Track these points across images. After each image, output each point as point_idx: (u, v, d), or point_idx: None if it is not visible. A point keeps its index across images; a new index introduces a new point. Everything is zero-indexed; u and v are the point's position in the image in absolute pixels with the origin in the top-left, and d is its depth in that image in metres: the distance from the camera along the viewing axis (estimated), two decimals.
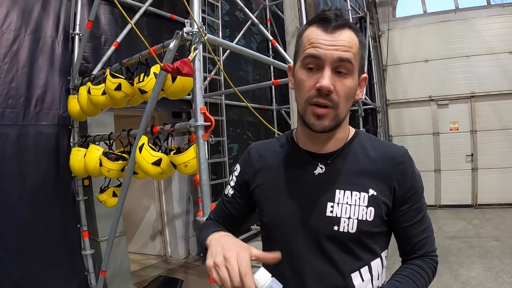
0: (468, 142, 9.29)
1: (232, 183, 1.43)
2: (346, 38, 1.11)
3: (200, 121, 2.87)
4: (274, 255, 1.02)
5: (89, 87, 3.69)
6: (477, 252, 5.98)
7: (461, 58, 9.25)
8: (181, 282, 2.99)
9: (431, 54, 9.54)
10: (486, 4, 9.18)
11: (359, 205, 1.16)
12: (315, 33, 1.12)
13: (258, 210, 1.35)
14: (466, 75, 9.21)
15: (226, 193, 1.45)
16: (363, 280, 1.17)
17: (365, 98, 8.20)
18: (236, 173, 1.43)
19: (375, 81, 9.66)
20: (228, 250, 0.98)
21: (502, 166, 8.96)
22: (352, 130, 1.31)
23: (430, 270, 1.21)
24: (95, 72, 4.21)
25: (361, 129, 7.64)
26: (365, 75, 1.24)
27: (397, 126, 10.11)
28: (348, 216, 1.15)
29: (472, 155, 9.23)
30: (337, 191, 1.18)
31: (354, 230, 1.15)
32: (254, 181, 1.34)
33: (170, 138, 3.45)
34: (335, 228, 1.15)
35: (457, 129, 9.40)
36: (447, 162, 9.49)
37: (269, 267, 1.13)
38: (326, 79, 1.08)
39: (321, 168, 1.22)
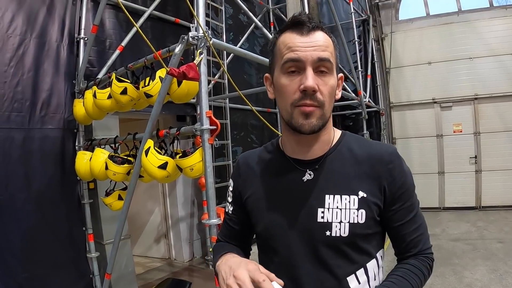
0: (471, 144, 9.26)
1: (230, 199, 1.44)
2: (322, 38, 1.13)
3: (206, 125, 2.88)
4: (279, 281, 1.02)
5: (95, 91, 3.71)
6: (481, 254, 5.97)
7: (464, 60, 9.22)
8: (189, 285, 3.00)
9: (434, 56, 9.53)
10: (489, 6, 9.16)
11: (349, 209, 1.15)
12: (290, 38, 1.14)
13: (251, 220, 1.35)
14: (469, 77, 9.19)
15: (226, 211, 1.46)
16: (359, 283, 1.17)
17: (368, 101, 8.19)
18: (230, 188, 1.44)
19: (378, 83, 9.66)
20: (237, 269, 1.01)
21: (506, 168, 8.93)
22: (338, 132, 1.31)
23: (425, 268, 1.20)
24: (100, 76, 4.23)
25: (365, 132, 7.69)
26: (341, 74, 1.24)
27: (400, 129, 10.09)
28: (339, 220, 1.15)
29: (475, 157, 9.20)
30: (327, 196, 1.18)
31: (346, 234, 1.15)
32: (245, 192, 1.35)
33: (175, 141, 3.47)
34: (327, 233, 1.15)
35: (461, 131, 9.38)
36: (450, 164, 9.46)
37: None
38: (310, 79, 1.09)
39: (310, 174, 1.22)
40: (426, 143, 9.66)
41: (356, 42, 8.33)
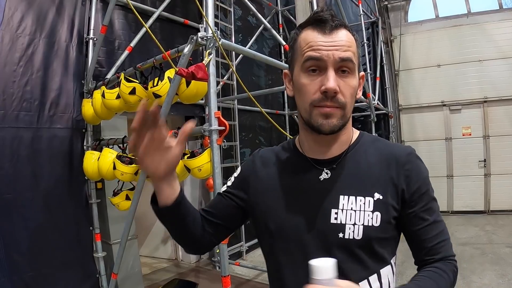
0: (480, 148, 9.18)
1: (229, 183, 1.39)
2: (344, 37, 1.09)
3: (214, 126, 2.88)
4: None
5: (104, 91, 3.72)
6: (489, 259, 5.91)
7: (474, 62, 9.14)
8: (196, 286, 2.99)
9: (444, 58, 9.47)
10: (499, 8, 9.09)
11: (364, 210, 1.11)
12: (312, 36, 1.10)
13: (260, 220, 1.28)
14: (478, 80, 9.11)
15: (220, 191, 1.41)
16: None
17: (377, 103, 8.15)
18: (235, 175, 1.39)
19: (387, 86, 9.61)
20: None
21: None
22: (356, 132, 1.27)
23: (451, 272, 1.12)
24: (109, 76, 4.25)
25: (374, 134, 7.63)
26: (363, 73, 1.21)
27: (409, 132, 10.03)
28: (353, 223, 1.10)
29: (484, 160, 9.12)
30: (341, 197, 1.14)
31: (360, 237, 1.09)
32: (255, 187, 1.30)
33: None
34: (340, 235, 1.11)
35: (470, 135, 9.30)
36: (459, 168, 9.39)
37: (273, 280, 1.14)
38: (331, 80, 1.05)
39: (327, 173, 1.18)
40: (435, 146, 9.59)
41: (365, 44, 8.30)
